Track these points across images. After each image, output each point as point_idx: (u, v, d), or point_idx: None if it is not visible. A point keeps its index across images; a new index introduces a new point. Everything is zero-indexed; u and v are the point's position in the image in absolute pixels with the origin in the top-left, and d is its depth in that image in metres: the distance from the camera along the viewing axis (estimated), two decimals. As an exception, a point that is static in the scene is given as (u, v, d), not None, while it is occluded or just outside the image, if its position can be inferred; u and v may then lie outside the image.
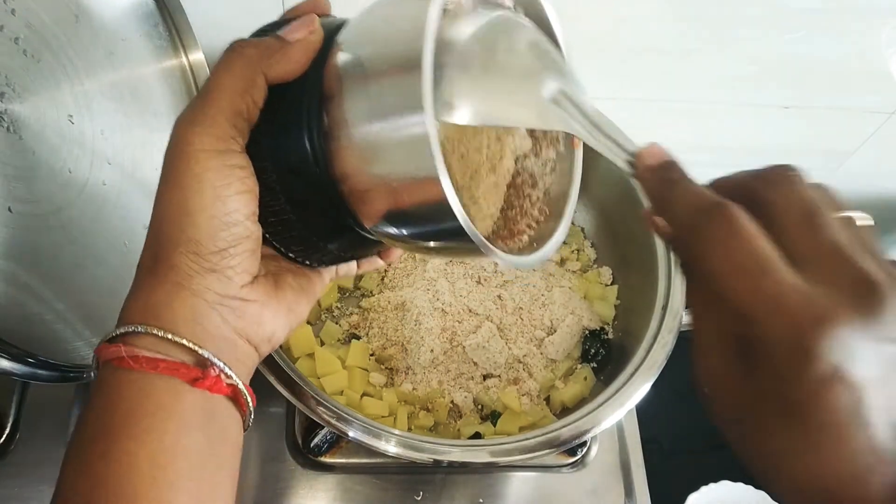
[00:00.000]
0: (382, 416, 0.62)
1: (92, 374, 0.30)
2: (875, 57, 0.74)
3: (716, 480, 0.74)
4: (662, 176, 0.29)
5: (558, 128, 0.31)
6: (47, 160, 0.43)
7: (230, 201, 0.30)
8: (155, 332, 0.29)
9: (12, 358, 0.40)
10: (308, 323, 0.66)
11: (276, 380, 0.52)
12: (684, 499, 0.73)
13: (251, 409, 0.32)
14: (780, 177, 0.27)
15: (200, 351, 0.29)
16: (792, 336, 0.24)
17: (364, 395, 0.63)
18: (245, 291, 0.31)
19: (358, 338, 0.67)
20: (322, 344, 0.66)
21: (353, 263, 0.39)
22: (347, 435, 0.51)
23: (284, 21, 0.32)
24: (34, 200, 0.43)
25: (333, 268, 0.38)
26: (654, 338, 0.58)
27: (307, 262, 0.35)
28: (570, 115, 0.29)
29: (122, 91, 0.50)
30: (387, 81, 0.28)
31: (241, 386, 0.31)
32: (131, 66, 0.51)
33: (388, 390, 0.64)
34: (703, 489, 0.74)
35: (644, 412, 0.69)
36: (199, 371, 0.29)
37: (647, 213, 0.31)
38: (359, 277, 0.70)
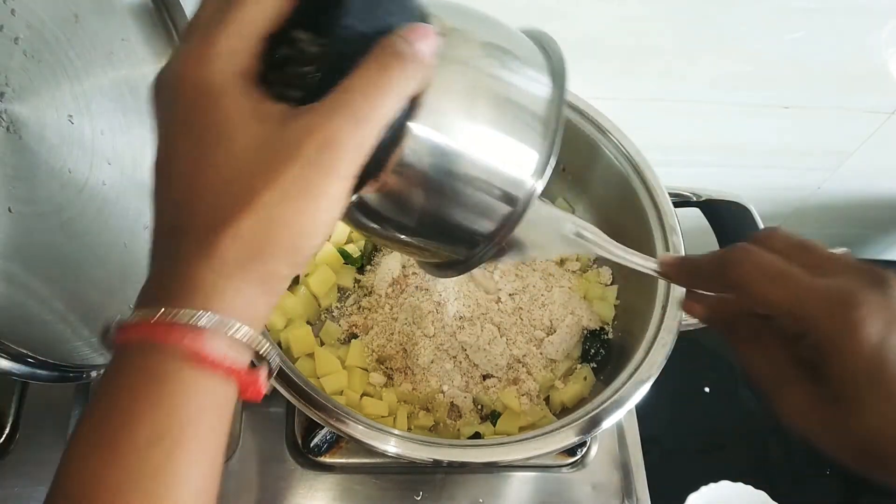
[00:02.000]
0: (382, 416, 0.62)
1: (112, 330, 0.28)
2: (875, 57, 0.74)
3: (716, 480, 0.74)
4: (684, 265, 0.38)
5: (585, 253, 0.42)
6: (47, 160, 0.43)
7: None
8: (247, 340, 0.28)
9: (12, 358, 0.40)
10: (308, 323, 0.66)
11: (275, 380, 0.52)
12: (684, 499, 0.73)
13: None
14: (767, 230, 0.35)
15: (270, 361, 0.29)
16: (838, 316, 0.30)
17: (364, 395, 0.63)
18: None
19: (358, 338, 0.67)
20: (322, 344, 0.66)
21: None
22: (347, 435, 0.51)
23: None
24: (34, 200, 0.43)
25: None
26: (654, 338, 0.58)
27: None
28: (591, 244, 0.39)
29: (122, 91, 0.50)
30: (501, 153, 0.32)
31: (265, 391, 0.30)
32: (131, 66, 0.51)
33: (387, 390, 0.64)
34: (703, 489, 0.74)
35: (644, 412, 0.69)
36: (252, 377, 0.29)
37: (686, 305, 0.39)
38: (358, 277, 0.70)
